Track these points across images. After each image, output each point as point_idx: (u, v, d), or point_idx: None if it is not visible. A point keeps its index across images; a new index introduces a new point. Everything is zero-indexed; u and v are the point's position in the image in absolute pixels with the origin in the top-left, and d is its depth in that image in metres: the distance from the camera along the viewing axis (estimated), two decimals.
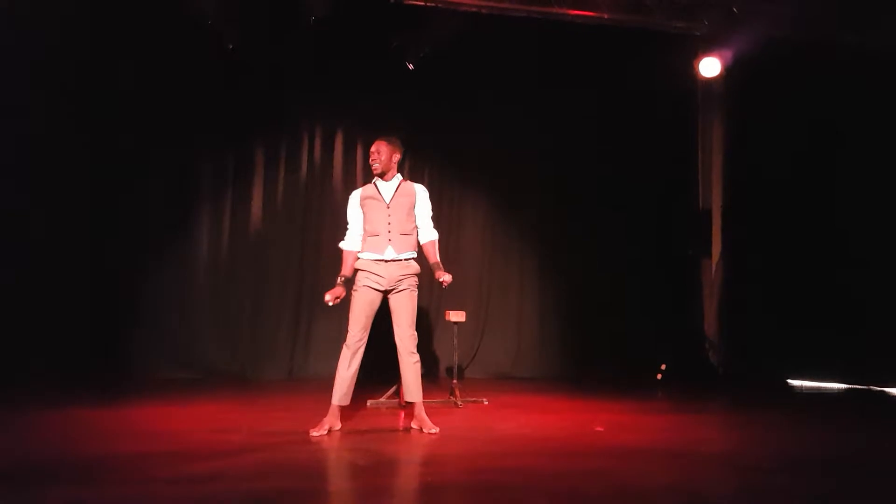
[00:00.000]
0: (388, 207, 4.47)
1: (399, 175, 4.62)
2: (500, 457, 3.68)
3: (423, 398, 4.49)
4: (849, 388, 7.51)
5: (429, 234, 4.64)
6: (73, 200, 6.93)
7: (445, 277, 4.48)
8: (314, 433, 4.18)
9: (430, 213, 4.65)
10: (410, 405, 4.55)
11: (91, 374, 6.54)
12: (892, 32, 7.22)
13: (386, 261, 4.40)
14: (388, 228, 4.43)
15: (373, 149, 4.53)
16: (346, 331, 4.36)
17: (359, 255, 4.50)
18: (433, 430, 4.34)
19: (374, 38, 7.67)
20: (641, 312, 8.41)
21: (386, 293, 4.44)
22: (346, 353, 4.32)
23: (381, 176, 4.54)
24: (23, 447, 3.77)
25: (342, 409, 4.38)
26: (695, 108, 9.15)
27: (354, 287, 4.44)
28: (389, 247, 4.42)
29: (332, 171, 7.97)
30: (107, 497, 2.81)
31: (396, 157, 4.55)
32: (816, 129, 7.81)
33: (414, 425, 4.47)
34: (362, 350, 4.36)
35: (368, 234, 4.47)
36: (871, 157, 7.47)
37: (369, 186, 4.58)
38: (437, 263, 4.58)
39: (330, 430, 4.27)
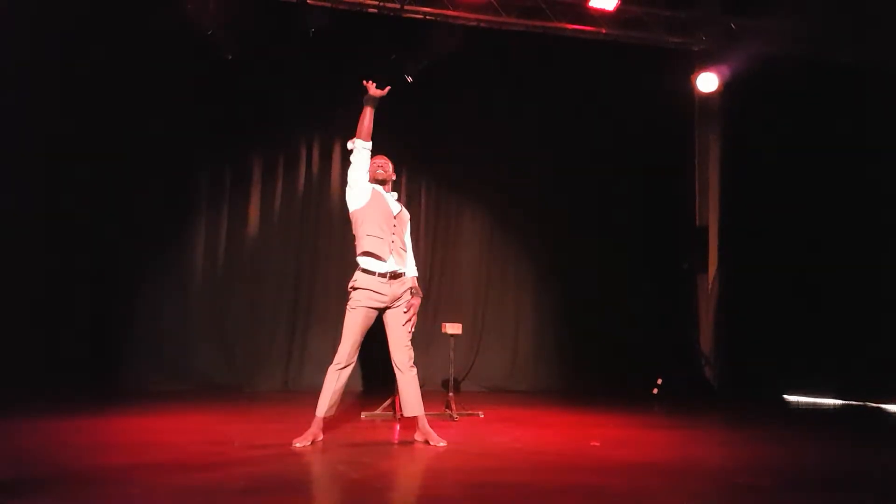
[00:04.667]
0: (395, 218, 4.41)
1: (395, 193, 4.59)
2: (496, 471, 3.66)
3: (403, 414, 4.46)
4: (844, 405, 7.50)
5: (413, 270, 4.56)
6: (69, 210, 6.91)
7: (414, 301, 4.46)
8: (297, 443, 4.16)
9: None
10: (412, 418, 4.50)
11: (86, 385, 6.49)
12: (890, 49, 7.27)
13: (388, 277, 4.31)
14: (392, 239, 4.34)
15: (382, 161, 4.50)
16: (338, 346, 4.29)
17: (359, 257, 4.33)
18: (441, 443, 4.31)
19: (372, 50, 7.69)
20: (637, 327, 8.40)
21: (381, 310, 4.39)
22: (334, 369, 4.26)
23: (383, 184, 4.48)
24: (17, 457, 3.74)
25: (326, 420, 4.36)
26: (692, 123, 9.19)
27: (352, 305, 4.31)
28: (392, 257, 4.33)
29: (329, 182, 7.97)
30: None
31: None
32: (815, 144, 7.85)
33: (419, 438, 4.43)
34: (352, 367, 4.31)
35: (369, 234, 4.30)
36: (870, 174, 7.49)
37: (376, 187, 4.45)
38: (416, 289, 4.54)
39: (314, 441, 4.24)
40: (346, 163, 8.01)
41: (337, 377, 4.26)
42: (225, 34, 7.05)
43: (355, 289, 4.30)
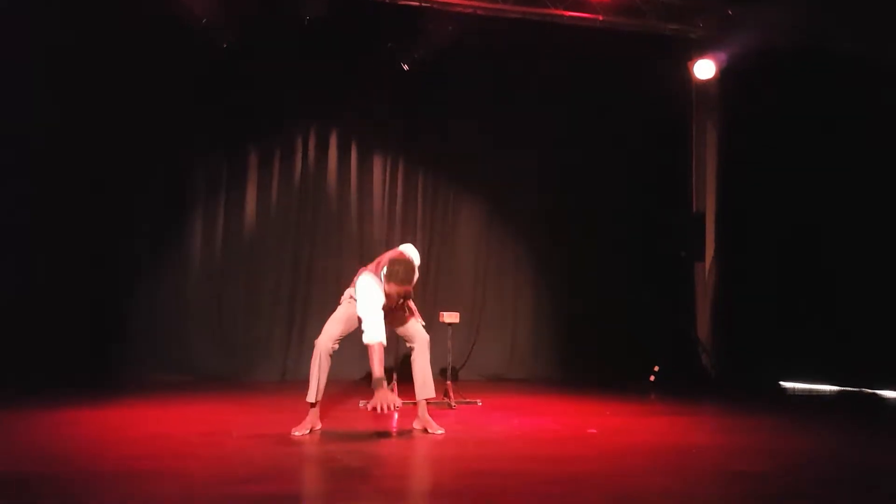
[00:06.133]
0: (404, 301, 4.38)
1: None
2: (494, 460, 3.67)
3: (415, 399, 4.47)
4: (841, 391, 7.54)
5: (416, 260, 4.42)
6: (66, 203, 6.89)
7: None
8: (296, 432, 4.17)
9: None
10: (411, 406, 4.50)
11: (83, 376, 6.50)
12: (891, 38, 7.24)
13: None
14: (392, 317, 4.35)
15: (402, 287, 4.11)
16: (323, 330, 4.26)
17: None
18: (439, 432, 4.32)
19: (368, 39, 7.66)
20: (634, 314, 8.42)
21: None
22: (316, 354, 4.20)
23: None
24: (16, 451, 3.74)
25: (323, 408, 4.35)
26: (689, 111, 9.16)
27: (345, 299, 4.34)
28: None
29: (326, 172, 7.95)
30: (98, 499, 2.79)
31: None
32: (812, 133, 7.82)
33: (417, 426, 4.44)
34: (331, 350, 4.22)
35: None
36: (868, 161, 7.48)
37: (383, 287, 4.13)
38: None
39: (312, 430, 4.25)
40: (343, 154, 8.07)
41: (318, 362, 4.17)
42: (220, 23, 7.01)
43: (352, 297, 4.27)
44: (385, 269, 4.09)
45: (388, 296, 4.11)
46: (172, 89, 7.34)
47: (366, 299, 4.04)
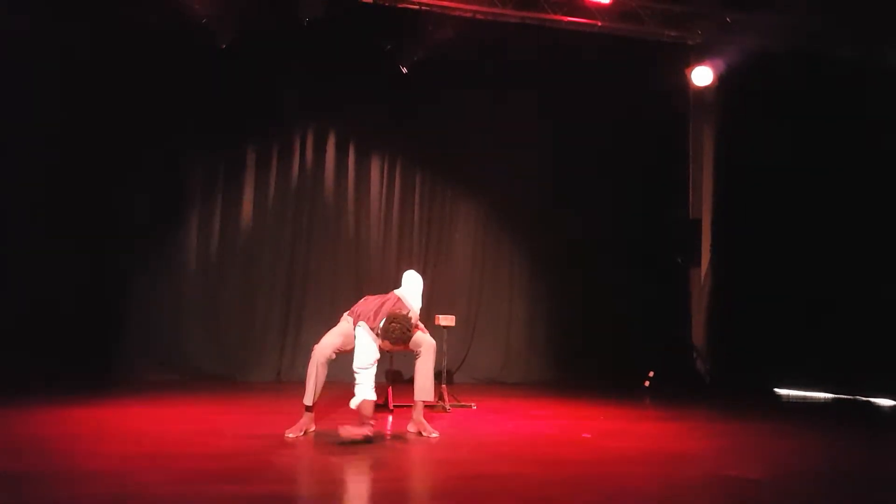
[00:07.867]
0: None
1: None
2: (488, 462, 3.68)
3: (411, 402, 4.46)
4: (835, 398, 7.56)
5: (417, 304, 4.56)
6: (63, 201, 6.88)
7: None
8: (289, 434, 4.17)
9: None
10: (406, 409, 4.49)
11: (79, 375, 6.48)
12: (889, 43, 7.27)
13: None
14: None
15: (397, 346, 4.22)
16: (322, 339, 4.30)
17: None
18: (433, 435, 4.32)
19: (367, 40, 7.67)
20: (630, 320, 8.42)
21: None
22: (313, 361, 4.22)
23: None
24: (10, 448, 3.74)
25: (318, 411, 4.35)
26: (686, 117, 9.18)
27: (346, 319, 4.36)
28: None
29: (323, 172, 7.95)
30: (92, 497, 2.79)
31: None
32: (808, 140, 7.84)
33: (411, 429, 4.43)
34: (327, 358, 4.26)
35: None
36: (864, 168, 7.50)
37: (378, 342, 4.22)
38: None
39: (305, 432, 4.25)
40: (340, 155, 8.07)
41: (316, 368, 4.20)
42: (219, 23, 7.02)
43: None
44: (383, 322, 4.11)
45: (381, 349, 4.20)
46: (171, 89, 7.33)
47: (361, 361, 4.06)
